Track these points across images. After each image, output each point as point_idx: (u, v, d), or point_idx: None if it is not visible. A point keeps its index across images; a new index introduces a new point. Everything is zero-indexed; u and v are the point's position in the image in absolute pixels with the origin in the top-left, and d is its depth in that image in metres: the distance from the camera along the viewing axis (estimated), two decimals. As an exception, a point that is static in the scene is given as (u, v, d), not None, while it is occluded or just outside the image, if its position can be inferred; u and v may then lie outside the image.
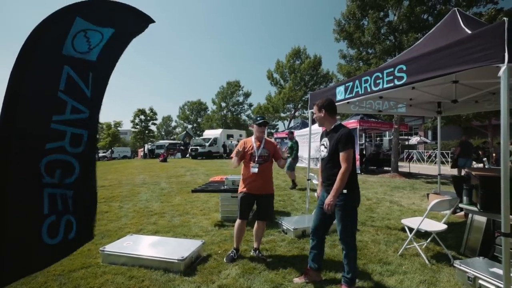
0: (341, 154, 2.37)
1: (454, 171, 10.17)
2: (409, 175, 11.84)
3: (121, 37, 1.82)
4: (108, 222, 4.65)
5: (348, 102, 4.12)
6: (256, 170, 3.09)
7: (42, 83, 1.58)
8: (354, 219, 2.47)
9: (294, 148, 8.48)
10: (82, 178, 1.78)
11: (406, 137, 16.90)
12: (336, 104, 3.03)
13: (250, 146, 3.25)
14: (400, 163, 13.06)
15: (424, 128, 27.46)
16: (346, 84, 4.08)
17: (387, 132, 23.76)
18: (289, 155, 8.50)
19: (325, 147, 2.56)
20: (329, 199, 2.35)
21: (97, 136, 1.96)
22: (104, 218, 4.85)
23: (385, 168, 13.67)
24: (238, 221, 3.22)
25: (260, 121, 3.24)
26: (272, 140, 3.42)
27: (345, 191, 2.37)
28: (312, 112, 2.91)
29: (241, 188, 3.21)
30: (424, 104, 5.32)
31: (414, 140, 24.19)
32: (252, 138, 3.32)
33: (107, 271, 2.84)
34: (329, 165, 2.50)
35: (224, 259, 3.12)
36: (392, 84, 3.17)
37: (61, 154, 1.68)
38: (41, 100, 1.59)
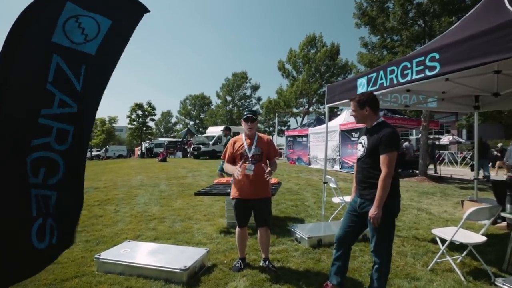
0: (382, 157, 2.32)
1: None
2: (439, 179, 11.62)
3: (120, 30, 1.83)
4: (103, 227, 4.73)
5: (370, 96, 4.06)
6: (251, 172, 3.02)
7: (30, 73, 1.61)
8: (392, 229, 2.44)
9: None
10: (66, 179, 1.80)
11: (437, 136, 16.56)
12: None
13: (240, 145, 3.18)
14: (429, 166, 12.83)
15: (457, 126, 26.98)
16: (369, 75, 4.03)
17: (414, 130, 23.41)
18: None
19: (363, 146, 2.53)
20: (373, 211, 2.30)
21: (90, 134, 1.97)
22: (98, 223, 4.95)
23: (412, 171, 13.46)
24: (237, 229, 3.24)
25: (246, 116, 3.15)
26: (266, 136, 3.28)
27: None
28: (329, 108, 2.88)
29: (233, 193, 3.17)
30: (458, 98, 5.20)
31: (445, 139, 23.74)
32: (243, 136, 3.23)
33: (102, 281, 2.89)
34: (365, 166, 2.47)
35: (231, 269, 3.14)
36: (422, 75, 3.12)
37: (46, 151, 1.70)
38: (29, 92, 1.61)
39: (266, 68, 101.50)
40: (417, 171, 12.33)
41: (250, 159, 3.10)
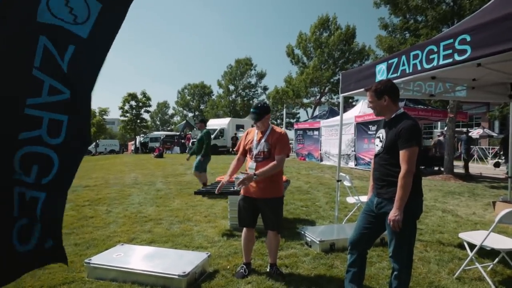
0: (402, 153, 2.29)
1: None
2: (468, 178, 11.51)
3: (112, 14, 1.81)
4: (94, 229, 4.79)
5: (391, 84, 4.02)
6: (252, 171, 3.04)
7: (13, 59, 1.61)
8: (413, 232, 2.43)
9: (204, 141, 7.48)
10: (59, 178, 1.78)
11: (465, 129, 16.35)
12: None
13: (251, 139, 3.23)
14: (455, 162, 12.70)
15: (489, 118, 26.58)
16: (390, 61, 3.99)
17: (439, 123, 23.16)
18: (191, 150, 7.78)
19: (381, 140, 2.51)
20: (393, 213, 2.28)
21: (88, 125, 1.95)
22: (89, 225, 5.01)
23: (436, 169, 13.35)
24: (243, 230, 3.29)
25: (250, 114, 3.17)
26: (280, 130, 3.21)
27: None
28: (343, 98, 2.86)
29: (242, 190, 3.23)
30: (491, 86, 5.11)
31: (475, 133, 23.43)
32: (255, 129, 3.25)
33: None
34: (383, 163, 2.46)
35: (234, 276, 3.16)
36: (451, 60, 3.08)
37: (37, 145, 1.70)
38: (12, 80, 1.61)
39: (273, 54, 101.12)
40: (442, 168, 12.23)
41: (254, 156, 3.13)
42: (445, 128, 13.20)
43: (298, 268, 3.41)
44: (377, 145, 2.56)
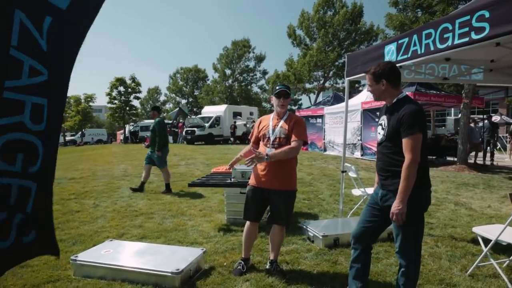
0: (405, 141, 2.28)
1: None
2: (483, 168, 11.55)
3: None
4: (80, 224, 4.81)
5: (400, 67, 3.98)
6: (267, 158, 3.06)
7: None
8: (421, 226, 2.42)
9: (156, 132, 7.09)
10: (45, 167, 1.78)
11: (481, 116, 16.29)
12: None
13: (265, 125, 3.30)
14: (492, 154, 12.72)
15: (507, 104, 26.52)
16: (400, 41, 3.95)
17: (452, 110, 23.13)
18: (148, 144, 7.49)
19: (382, 128, 2.50)
20: (396, 206, 2.27)
21: (63, 109, 1.94)
22: (75, 219, 5.03)
23: (449, 159, 13.38)
24: (246, 224, 3.32)
25: (278, 90, 3.21)
26: (297, 116, 3.40)
27: None
28: (349, 82, 2.84)
29: (250, 180, 3.32)
30: (511, 68, 5.06)
31: (492, 120, 23.40)
32: (272, 115, 3.35)
33: (80, 286, 2.94)
34: (386, 152, 2.45)
35: (231, 273, 3.19)
36: (467, 39, 3.04)
37: (20, 132, 1.68)
38: None
39: (273, 35, 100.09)
40: (454, 158, 12.26)
41: (271, 143, 3.16)
42: (459, 115, 13.18)
43: (299, 265, 3.44)
44: (379, 133, 2.55)
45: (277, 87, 3.26)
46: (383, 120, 2.52)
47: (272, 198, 3.15)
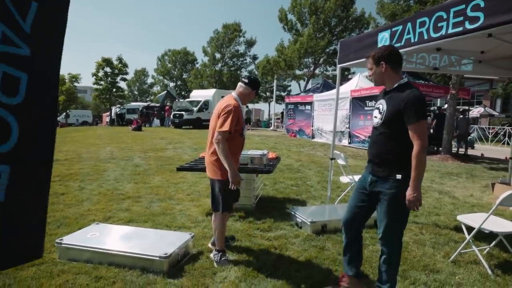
0: (412, 127, 2.26)
1: None
2: (466, 158, 11.81)
3: None
4: (65, 207, 4.72)
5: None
6: None
7: None
8: (406, 214, 2.45)
9: None
10: (24, 147, 1.61)
11: (466, 107, 16.56)
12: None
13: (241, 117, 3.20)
14: (453, 142, 12.97)
15: (491, 96, 27.03)
16: (393, 29, 3.93)
17: (438, 100, 23.43)
18: None
19: (380, 112, 2.47)
20: (411, 194, 2.27)
21: (55, 89, 1.81)
22: (59, 202, 4.93)
23: (436, 148, 13.61)
24: (225, 216, 3.23)
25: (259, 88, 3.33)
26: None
27: (399, 176, 2.33)
28: (340, 69, 2.80)
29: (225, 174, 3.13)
30: (500, 60, 5.11)
31: (475, 111, 23.90)
32: (240, 103, 3.18)
33: (66, 270, 2.90)
34: (381, 137, 2.45)
35: (219, 264, 3.08)
36: (461, 29, 3.04)
37: None
38: None
39: (265, 19, 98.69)
40: (439, 148, 12.49)
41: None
42: (445, 106, 13.36)
43: (287, 250, 3.46)
44: (375, 117, 2.52)
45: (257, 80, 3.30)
46: (381, 103, 2.50)
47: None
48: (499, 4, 2.69)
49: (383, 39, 4.09)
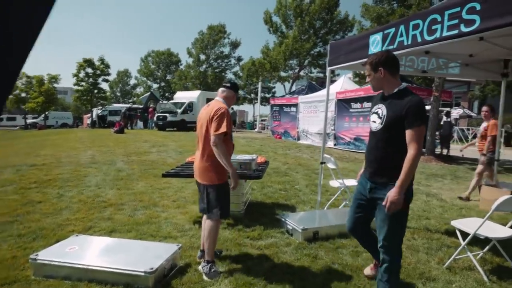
0: (411, 132, 2.26)
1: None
2: (448, 159, 12.00)
3: None
4: (42, 216, 4.45)
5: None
6: None
7: None
8: (405, 220, 2.47)
9: None
10: None
11: (448, 108, 16.90)
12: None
13: None
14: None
15: (469, 98, 27.77)
16: (386, 31, 3.86)
17: (421, 102, 23.81)
18: None
19: (379, 117, 2.45)
20: (393, 195, 2.24)
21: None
22: (36, 211, 4.65)
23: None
24: (219, 222, 3.16)
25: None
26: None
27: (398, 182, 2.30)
28: (330, 72, 2.73)
29: (223, 176, 3.09)
30: (486, 63, 5.14)
31: (455, 113, 24.43)
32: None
33: None
34: (381, 142, 2.44)
35: (208, 277, 2.92)
36: (456, 32, 2.99)
37: None
38: None
39: (250, 21, 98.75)
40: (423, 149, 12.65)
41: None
42: (428, 107, 13.56)
43: (279, 259, 3.35)
44: (374, 122, 2.51)
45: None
46: (380, 108, 2.48)
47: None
48: (495, 7, 2.64)
49: (375, 41, 4.02)
